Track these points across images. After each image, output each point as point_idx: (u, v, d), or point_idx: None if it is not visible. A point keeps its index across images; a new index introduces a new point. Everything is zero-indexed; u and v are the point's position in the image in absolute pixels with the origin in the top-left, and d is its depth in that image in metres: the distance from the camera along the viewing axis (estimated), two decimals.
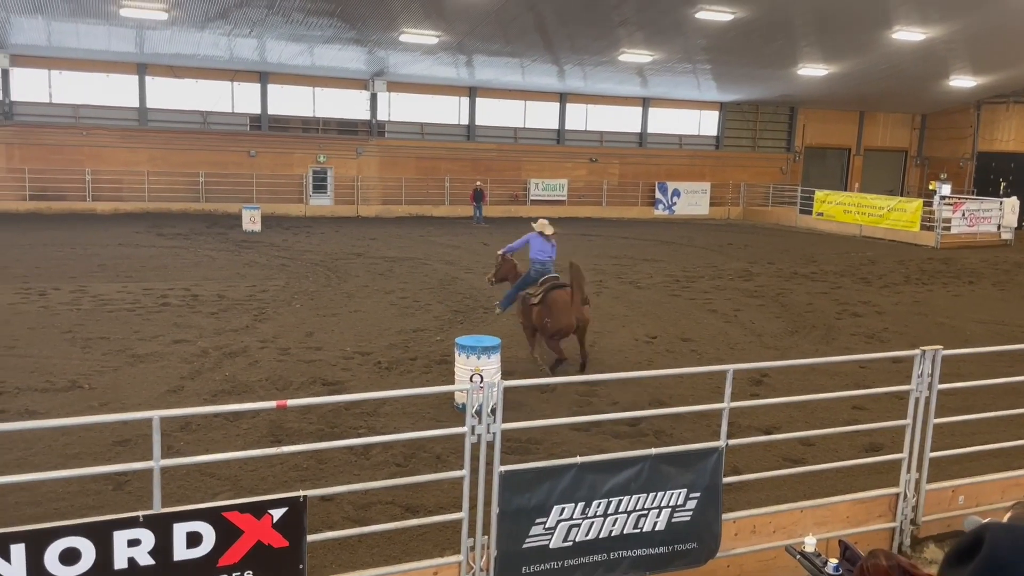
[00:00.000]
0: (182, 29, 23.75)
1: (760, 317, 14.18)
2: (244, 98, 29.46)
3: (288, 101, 30.13)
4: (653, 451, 5.00)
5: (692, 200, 34.59)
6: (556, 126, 33.91)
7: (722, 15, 22.21)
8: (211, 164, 28.59)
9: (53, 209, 26.18)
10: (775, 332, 13.10)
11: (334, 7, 21.85)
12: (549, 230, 10.71)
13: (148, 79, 28.10)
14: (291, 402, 4.61)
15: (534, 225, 10.88)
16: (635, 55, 26.81)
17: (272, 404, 4.47)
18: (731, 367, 5.36)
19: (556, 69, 29.02)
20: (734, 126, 36.78)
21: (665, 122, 35.65)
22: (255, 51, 26.45)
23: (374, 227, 26.12)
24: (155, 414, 4.05)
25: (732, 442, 5.44)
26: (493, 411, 4.75)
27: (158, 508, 4.05)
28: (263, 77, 29.23)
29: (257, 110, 29.62)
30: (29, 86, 26.90)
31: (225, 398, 8.86)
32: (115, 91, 27.89)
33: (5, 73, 26.12)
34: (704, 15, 22.19)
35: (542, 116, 33.74)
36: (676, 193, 34.44)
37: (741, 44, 25.44)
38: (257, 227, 23.66)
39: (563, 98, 33.50)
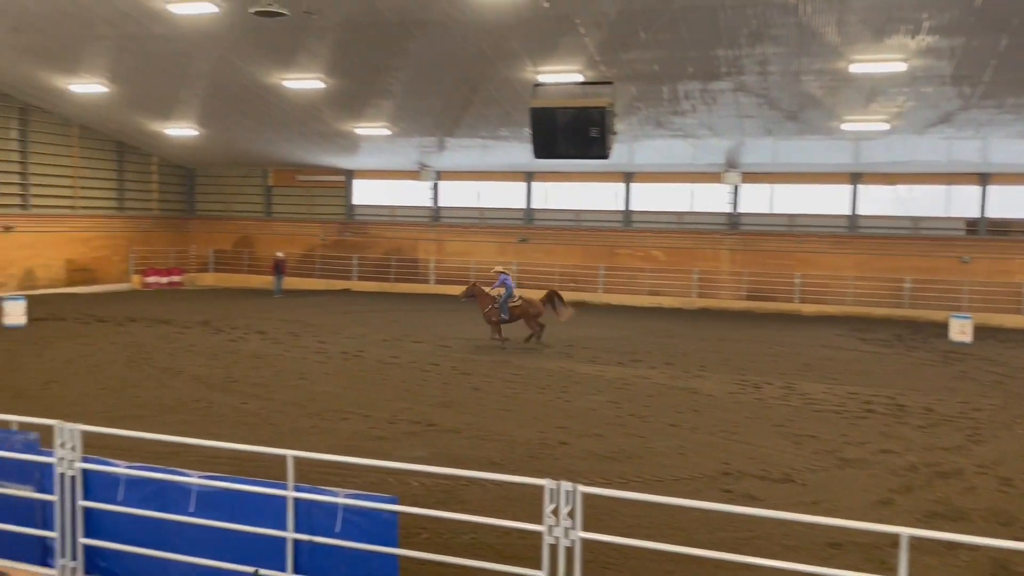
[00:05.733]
0: (900, 137, 23.90)
1: None
2: (959, 201, 27.95)
3: (1011, 202, 27.45)
4: None
5: None
6: None
7: None
8: (918, 270, 27.75)
9: (764, 309, 28.80)
10: None
11: None
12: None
13: (859, 187, 28.97)
14: None
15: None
16: None
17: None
18: None
19: None
20: None
21: None
22: (976, 152, 24.94)
23: None
24: (903, 531, 4.00)
25: None
26: None
27: None
28: (983, 179, 27.31)
29: (974, 213, 27.74)
30: (753, 199, 30.39)
31: (939, 522, 8.29)
32: (827, 200, 29.50)
33: (736, 189, 30.04)
34: None
35: None
36: None
37: None
38: (967, 338, 21.87)
39: None
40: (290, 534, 5.14)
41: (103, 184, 32.33)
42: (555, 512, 4.61)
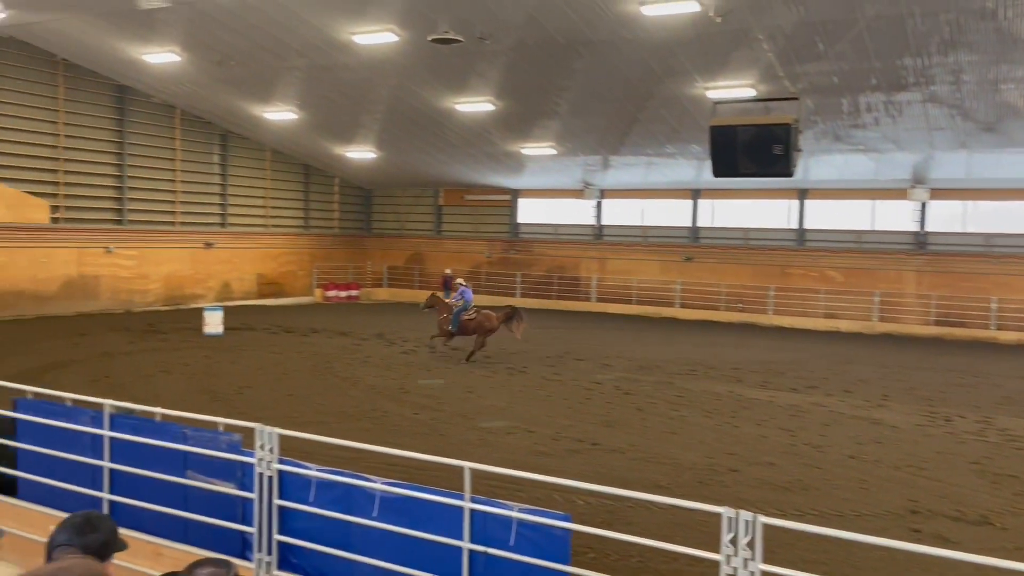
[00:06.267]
0: None
1: None
2: None
3: None
4: None
5: None
6: None
7: None
8: None
9: (955, 335, 26.62)
10: None
11: None
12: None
13: None
14: None
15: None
16: None
17: None
18: None
19: None
20: None
21: None
22: None
23: None
24: None
25: None
26: None
27: None
28: None
29: None
30: (943, 216, 28.26)
31: None
32: None
33: (923, 206, 28.03)
34: None
35: None
36: None
37: None
38: None
39: None
40: (466, 544, 5.28)
41: (291, 204, 34.85)
42: (733, 542, 4.47)
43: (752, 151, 13.46)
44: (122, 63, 24.30)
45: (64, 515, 7.03)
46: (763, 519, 4.48)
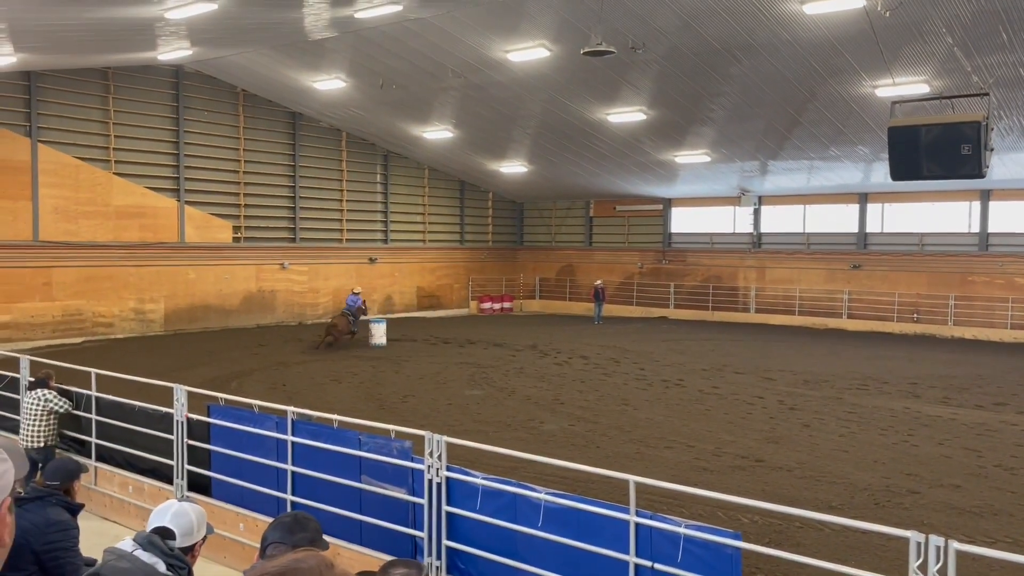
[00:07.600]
0: None
1: None
2: None
3: None
4: None
5: None
6: None
7: None
8: None
9: None
10: None
11: None
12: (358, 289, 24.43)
13: None
14: None
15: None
16: None
17: None
18: None
19: None
20: None
21: None
22: None
23: None
24: None
25: None
26: None
27: None
28: None
29: None
30: None
31: None
32: None
33: None
34: None
35: None
36: None
37: None
38: None
39: None
40: (632, 558, 5.24)
41: (447, 219, 35.99)
42: (922, 568, 4.18)
43: (937, 152, 12.55)
44: (294, 91, 26.02)
45: (251, 514, 7.59)
46: (956, 545, 4.16)
